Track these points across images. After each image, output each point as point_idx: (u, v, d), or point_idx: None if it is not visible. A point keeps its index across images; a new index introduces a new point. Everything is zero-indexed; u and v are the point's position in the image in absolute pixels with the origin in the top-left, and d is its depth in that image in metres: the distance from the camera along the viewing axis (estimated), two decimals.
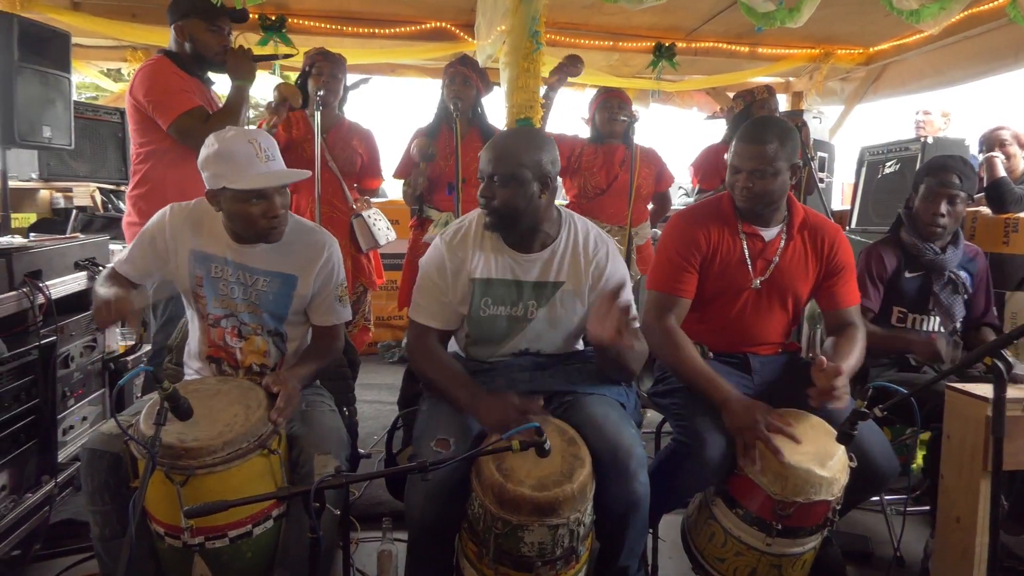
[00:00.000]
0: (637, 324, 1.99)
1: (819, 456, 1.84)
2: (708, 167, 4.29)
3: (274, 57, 3.19)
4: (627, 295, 2.00)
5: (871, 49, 5.40)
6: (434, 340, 2.01)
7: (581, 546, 1.76)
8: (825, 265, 2.21)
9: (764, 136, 2.07)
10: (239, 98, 2.68)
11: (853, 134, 6.29)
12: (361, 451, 2.03)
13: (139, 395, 2.95)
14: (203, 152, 1.86)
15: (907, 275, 2.62)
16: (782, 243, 2.19)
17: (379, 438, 3.31)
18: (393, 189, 6.15)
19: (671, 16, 4.58)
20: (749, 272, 2.19)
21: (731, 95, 6.53)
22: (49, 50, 3.20)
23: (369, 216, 3.42)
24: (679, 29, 4.97)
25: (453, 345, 2.13)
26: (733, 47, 5.19)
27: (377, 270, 3.63)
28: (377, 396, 4.11)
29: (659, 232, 4.05)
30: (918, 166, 3.96)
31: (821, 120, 5.39)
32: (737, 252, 2.19)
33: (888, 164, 4.19)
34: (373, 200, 3.63)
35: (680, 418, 2.04)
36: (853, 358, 2.05)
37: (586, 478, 1.69)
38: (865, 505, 2.41)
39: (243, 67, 2.69)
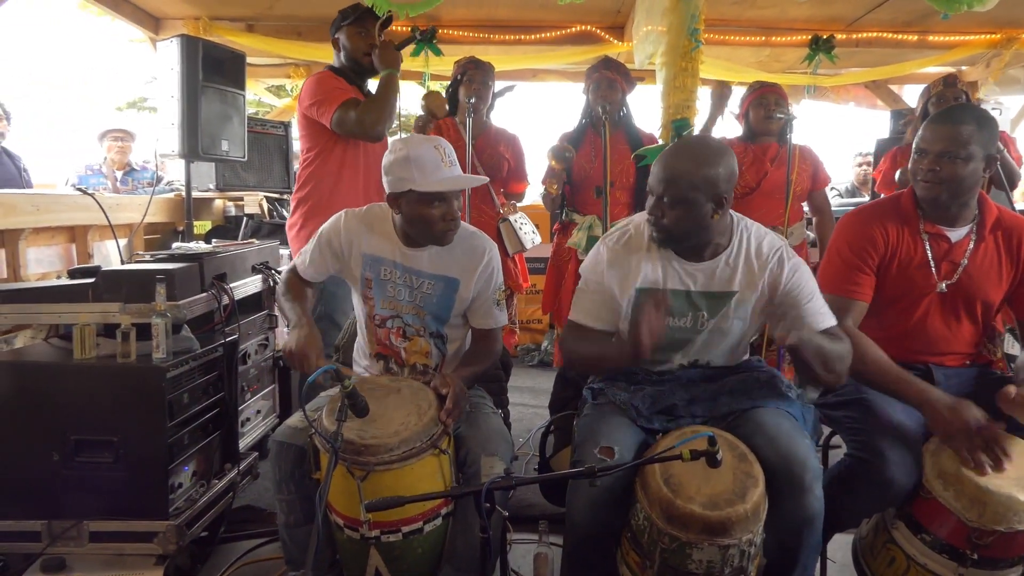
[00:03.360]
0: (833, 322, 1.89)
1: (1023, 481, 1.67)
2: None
3: (412, 39, 3.32)
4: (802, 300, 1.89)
5: None
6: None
7: (751, 565, 1.68)
8: (1022, 270, 2.00)
9: (959, 116, 1.90)
10: (388, 84, 2.81)
11: None
12: None
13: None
14: (388, 158, 1.94)
15: None
16: (971, 245, 2.00)
17: (524, 440, 3.34)
18: (531, 194, 6.20)
19: (830, 7, 4.35)
20: (932, 275, 2.01)
21: (893, 88, 6.12)
22: (227, 70, 3.49)
23: (516, 220, 3.46)
24: (839, 20, 4.70)
25: None
26: (899, 36, 4.83)
27: (523, 274, 3.66)
28: (519, 399, 4.14)
29: (810, 234, 3.85)
30: None
31: (1001, 111, 4.91)
32: (918, 254, 2.02)
33: None
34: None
35: (856, 432, 1.91)
36: None
37: (759, 498, 1.61)
38: None
39: (388, 56, 2.84)
